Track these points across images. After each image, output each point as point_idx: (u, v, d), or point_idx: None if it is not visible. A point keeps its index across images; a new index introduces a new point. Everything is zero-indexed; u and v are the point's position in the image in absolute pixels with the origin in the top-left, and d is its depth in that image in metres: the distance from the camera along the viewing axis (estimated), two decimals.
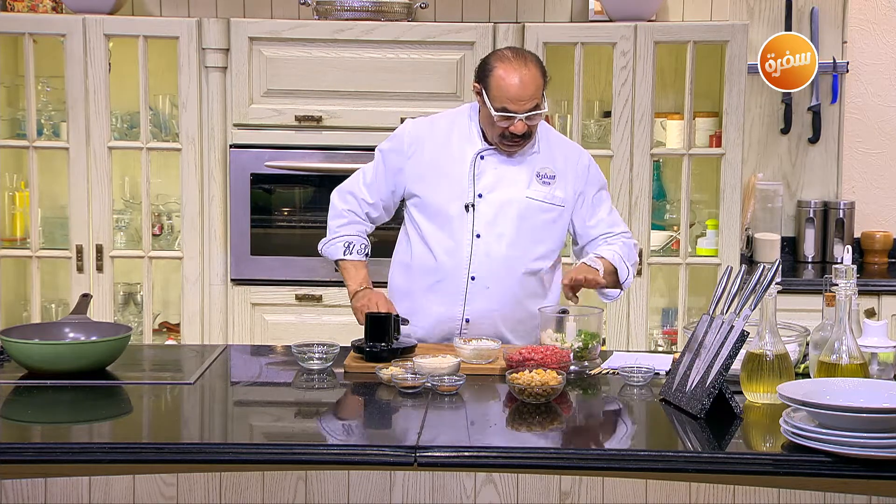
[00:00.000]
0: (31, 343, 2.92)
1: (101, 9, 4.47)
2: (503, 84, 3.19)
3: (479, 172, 3.30)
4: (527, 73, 3.20)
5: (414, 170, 3.35)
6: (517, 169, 3.32)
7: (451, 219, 3.30)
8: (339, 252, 3.41)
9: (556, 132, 3.50)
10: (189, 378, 2.93)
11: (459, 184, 3.30)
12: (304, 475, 3.02)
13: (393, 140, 3.41)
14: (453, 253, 3.30)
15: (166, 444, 2.47)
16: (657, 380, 2.88)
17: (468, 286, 3.30)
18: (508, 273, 3.30)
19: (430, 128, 3.39)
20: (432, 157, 3.34)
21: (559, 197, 3.33)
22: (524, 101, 3.19)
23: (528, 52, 3.30)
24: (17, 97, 4.65)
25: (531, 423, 2.62)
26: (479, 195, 3.29)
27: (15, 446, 2.44)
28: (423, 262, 3.35)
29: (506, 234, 3.29)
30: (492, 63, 3.24)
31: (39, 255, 4.54)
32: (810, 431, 2.32)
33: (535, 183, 3.31)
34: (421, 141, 3.36)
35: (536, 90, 3.21)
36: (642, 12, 4.51)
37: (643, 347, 4.51)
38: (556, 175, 3.33)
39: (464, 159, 3.31)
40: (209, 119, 4.46)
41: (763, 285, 2.61)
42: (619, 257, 3.32)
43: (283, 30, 4.44)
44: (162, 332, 4.69)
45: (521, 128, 3.22)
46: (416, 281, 3.36)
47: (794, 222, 4.96)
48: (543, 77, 3.25)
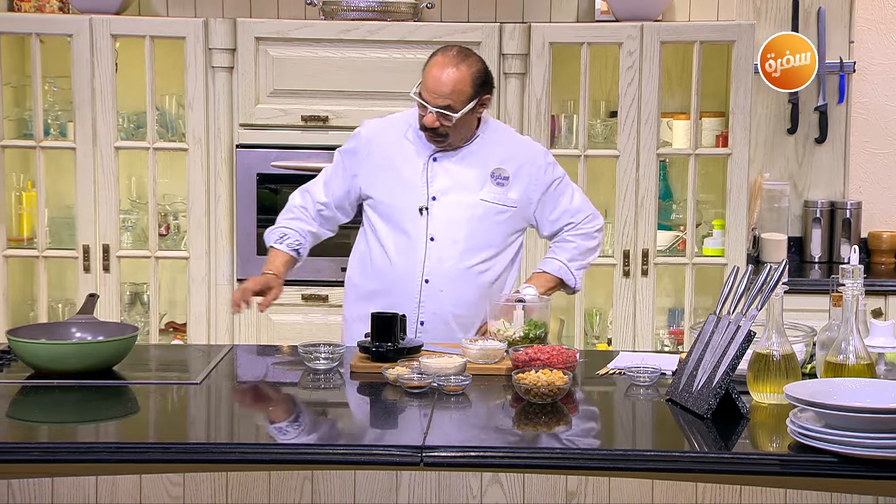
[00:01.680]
0: (38, 343, 2.92)
1: (108, 9, 4.47)
2: (428, 71, 3.21)
3: (433, 175, 3.29)
4: (453, 72, 3.18)
5: (369, 171, 3.34)
6: (471, 171, 3.30)
7: (406, 221, 3.29)
8: (271, 240, 3.40)
9: (513, 131, 3.49)
10: (195, 378, 2.93)
11: (413, 186, 3.29)
12: (310, 475, 3.02)
13: (350, 141, 3.40)
14: (407, 256, 3.29)
15: (173, 444, 2.47)
16: (663, 380, 2.88)
17: (422, 289, 3.30)
18: (462, 276, 3.30)
19: (386, 128, 3.38)
20: (387, 158, 3.33)
21: (512, 199, 3.32)
22: (436, 95, 3.17)
23: (475, 60, 3.24)
24: (24, 97, 4.66)
25: (537, 423, 2.62)
26: (432, 198, 3.28)
27: (22, 446, 2.44)
28: (378, 263, 3.35)
29: (459, 237, 3.29)
30: (436, 51, 3.25)
31: (46, 255, 4.55)
32: (817, 432, 2.31)
33: (490, 184, 3.31)
34: (376, 142, 3.35)
35: (454, 92, 3.17)
36: (649, 12, 4.50)
37: (649, 347, 4.51)
38: (510, 176, 3.32)
39: (417, 161, 3.30)
40: (216, 119, 4.47)
41: (770, 285, 2.61)
42: (565, 269, 3.38)
43: (289, 30, 4.44)
44: (168, 332, 4.70)
45: (429, 120, 3.21)
46: (372, 282, 3.37)
47: (801, 222, 4.95)
48: (473, 87, 3.19)
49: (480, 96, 3.23)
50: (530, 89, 4.47)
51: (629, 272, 4.53)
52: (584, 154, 4.53)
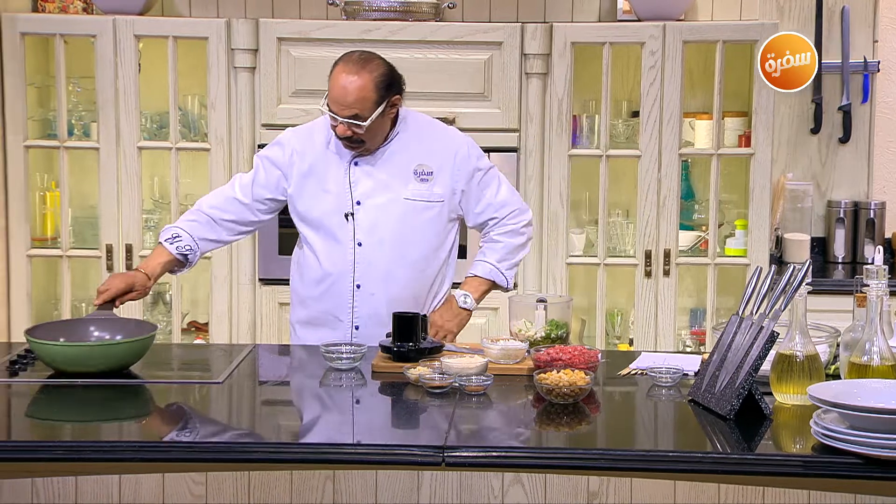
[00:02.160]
0: (56, 344, 2.92)
1: (131, 10, 4.49)
2: (332, 83, 3.16)
3: (355, 180, 3.27)
4: (354, 80, 3.12)
5: (294, 181, 3.31)
6: (393, 171, 3.28)
7: (333, 228, 3.28)
8: (163, 237, 3.29)
9: (436, 122, 3.42)
10: (217, 377, 2.94)
11: (337, 193, 3.27)
12: (331, 475, 3.03)
13: (272, 148, 3.36)
14: (338, 262, 3.28)
15: (195, 443, 2.48)
16: (686, 380, 2.87)
17: (354, 294, 3.30)
18: (393, 278, 3.29)
19: (308, 137, 3.34)
20: (311, 167, 3.30)
21: (437, 193, 3.30)
22: (342, 106, 3.14)
23: (377, 63, 3.18)
24: (49, 98, 4.69)
25: (559, 424, 2.61)
26: (357, 203, 3.27)
27: (46, 444, 2.46)
28: (312, 270, 3.35)
29: (386, 240, 3.27)
30: (338, 60, 3.20)
31: (70, 255, 4.57)
32: (841, 433, 2.30)
33: (414, 182, 3.29)
34: (298, 152, 3.32)
35: (358, 101, 3.13)
36: (671, 12, 4.49)
37: (671, 348, 4.50)
38: (433, 171, 3.30)
39: (339, 168, 3.28)
40: (238, 119, 4.48)
41: (793, 286, 2.59)
42: (496, 270, 3.39)
43: (311, 30, 4.45)
44: (190, 332, 4.71)
45: (342, 130, 3.17)
46: (308, 288, 3.37)
47: (824, 222, 4.92)
48: (378, 91, 3.15)
49: (388, 99, 3.17)
50: (552, 89, 4.46)
51: (651, 272, 4.52)
52: (606, 154, 4.51)
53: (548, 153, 4.50)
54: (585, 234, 4.65)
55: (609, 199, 4.54)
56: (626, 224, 4.62)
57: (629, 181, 4.59)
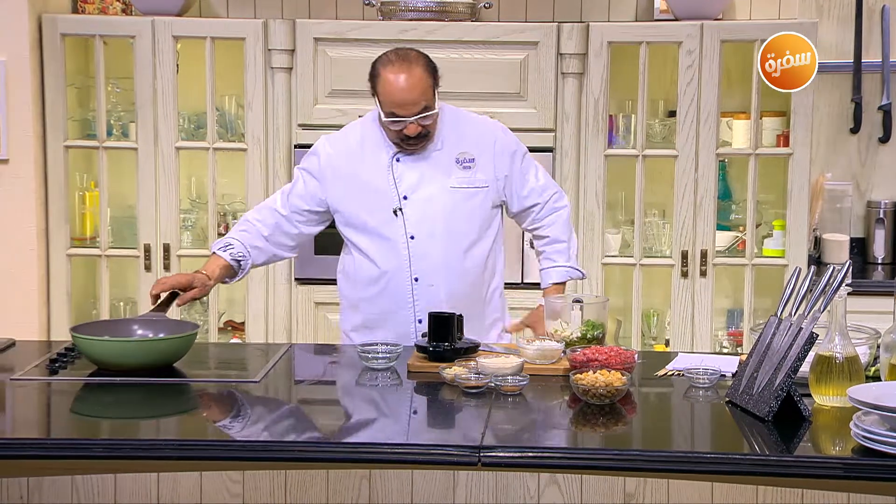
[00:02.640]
0: (100, 340, 2.97)
1: (170, 10, 4.53)
2: (389, 89, 3.15)
3: (399, 175, 3.28)
4: (411, 77, 3.14)
5: (334, 189, 3.32)
6: (436, 161, 3.29)
7: (383, 227, 3.28)
8: (215, 247, 3.31)
9: (465, 112, 3.43)
10: (254, 376, 2.96)
11: (382, 191, 3.28)
12: (367, 474, 3.03)
13: (308, 160, 3.37)
14: (392, 259, 3.28)
15: (233, 442, 2.49)
16: (723, 381, 2.85)
17: (413, 288, 3.29)
18: (449, 267, 3.29)
19: (342, 143, 3.35)
20: (350, 171, 3.31)
21: (481, 178, 3.32)
22: (410, 105, 3.15)
23: (414, 53, 3.22)
24: (88, 98, 4.73)
25: (595, 424, 2.61)
26: (404, 197, 3.27)
27: (85, 442, 2.48)
28: (365, 271, 3.34)
29: (438, 230, 3.28)
30: (378, 67, 3.20)
31: (108, 254, 4.61)
32: (882, 435, 2.28)
33: (457, 170, 3.30)
34: (335, 159, 3.33)
35: (423, 93, 3.16)
36: (708, 11, 4.46)
37: (707, 349, 4.47)
38: (474, 157, 3.31)
39: (380, 166, 3.29)
40: (274, 119, 4.50)
41: (833, 286, 2.57)
42: (570, 269, 3.42)
43: (347, 30, 4.46)
44: (227, 331, 4.74)
45: (413, 130, 3.19)
46: (363, 290, 3.35)
47: (864, 223, 4.88)
48: (432, 76, 3.19)
49: (437, 80, 3.22)
50: (588, 89, 4.45)
51: (687, 273, 4.49)
52: (643, 154, 4.50)
53: (584, 153, 4.48)
54: (621, 234, 4.63)
55: (645, 200, 4.52)
56: (662, 224, 4.60)
57: (666, 181, 4.57)
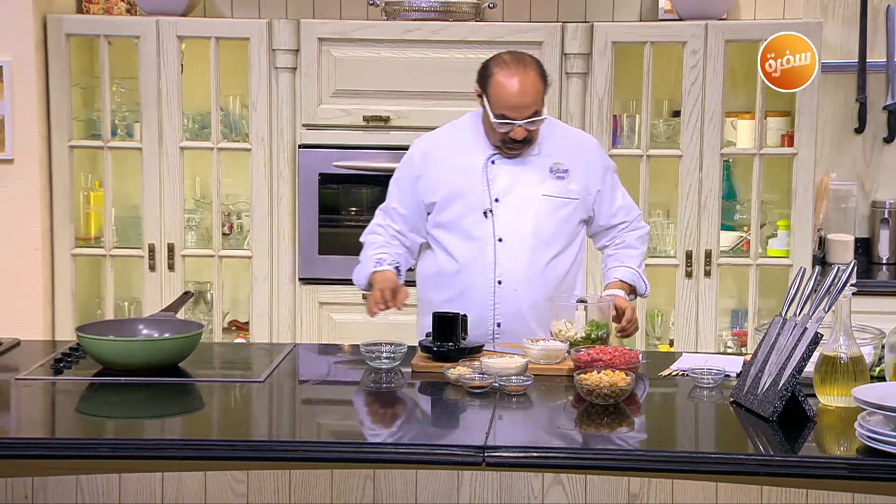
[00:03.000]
0: (105, 339, 2.97)
1: (175, 10, 4.53)
2: (502, 91, 3.17)
3: (493, 177, 3.29)
4: (526, 81, 3.17)
5: (428, 186, 3.33)
6: (531, 168, 3.30)
7: (472, 227, 3.29)
8: (368, 268, 3.31)
9: (562, 123, 3.49)
10: (259, 376, 2.96)
11: (474, 192, 3.29)
12: (372, 474, 3.03)
13: (403, 166, 3.40)
14: (477, 260, 3.28)
15: (237, 442, 2.50)
16: (727, 382, 2.85)
17: (496, 291, 3.29)
18: (534, 273, 3.29)
19: (436, 142, 3.38)
20: (443, 169, 3.33)
21: (574, 190, 3.32)
22: (522, 108, 3.17)
23: (528, 57, 3.24)
24: (93, 98, 4.73)
25: (599, 424, 2.61)
26: (495, 199, 3.28)
27: (90, 442, 2.48)
28: (448, 272, 3.34)
29: (527, 235, 3.28)
30: (491, 68, 3.22)
31: (113, 254, 4.61)
32: (886, 435, 2.27)
33: (550, 179, 3.30)
34: (430, 156, 3.35)
35: (536, 97, 3.18)
36: (713, 11, 4.46)
37: (712, 349, 4.47)
38: (568, 169, 3.32)
39: (475, 166, 3.29)
40: (278, 119, 4.50)
41: (837, 287, 2.57)
42: (636, 275, 3.40)
43: (351, 30, 4.47)
44: (231, 331, 4.74)
45: (520, 133, 3.20)
46: (444, 291, 3.35)
47: (868, 223, 4.87)
48: (543, 82, 3.22)
49: (546, 86, 3.25)
50: (592, 89, 4.45)
51: (691, 273, 4.49)
52: (647, 154, 4.49)
53: None
54: None
55: (649, 199, 4.52)
56: (666, 224, 4.60)
57: (670, 181, 4.56)
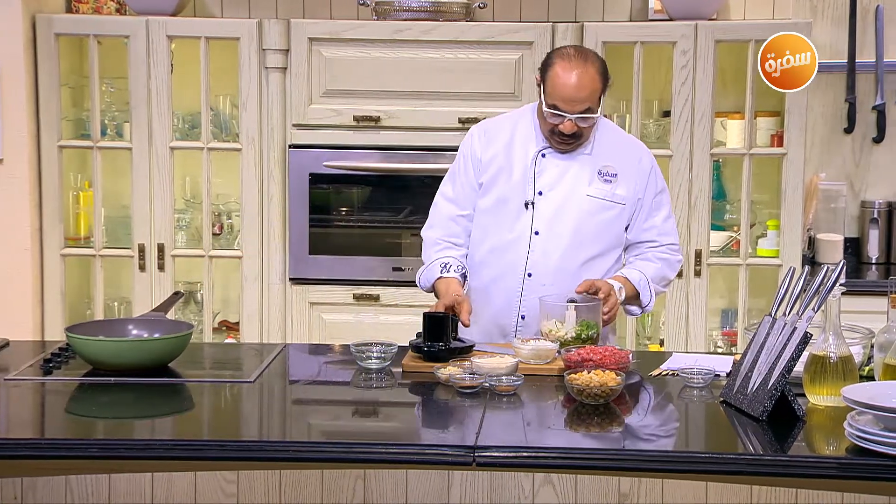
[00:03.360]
0: (95, 339, 2.96)
1: (164, 10, 4.52)
2: (558, 82, 3.18)
3: (540, 170, 3.29)
4: (584, 76, 3.17)
5: (480, 166, 3.35)
6: (579, 166, 3.30)
7: (511, 215, 3.29)
8: (435, 272, 3.32)
9: (620, 129, 3.47)
10: (249, 376, 2.95)
11: (520, 181, 3.29)
12: (362, 474, 3.03)
13: (463, 147, 3.40)
14: (511, 250, 3.29)
15: (227, 442, 2.49)
16: (717, 381, 2.86)
17: (524, 283, 3.29)
18: (565, 272, 3.28)
19: (495, 126, 3.39)
20: (496, 153, 3.33)
21: (620, 195, 3.31)
22: (575, 102, 3.17)
23: (592, 54, 3.26)
24: (82, 98, 4.72)
25: (590, 424, 2.61)
26: (539, 193, 3.28)
27: (80, 442, 2.48)
28: (482, 257, 3.35)
29: (564, 233, 3.28)
30: (553, 58, 3.23)
31: (103, 254, 4.60)
32: (875, 435, 2.28)
33: (597, 181, 3.30)
34: (486, 135, 3.36)
35: (591, 94, 3.18)
36: (703, 11, 4.47)
37: (702, 349, 4.47)
38: (617, 173, 3.31)
39: (525, 157, 3.31)
40: (269, 119, 4.50)
41: (827, 286, 2.58)
42: (645, 282, 3.31)
43: (342, 30, 4.46)
44: (221, 331, 4.74)
45: (569, 127, 3.20)
46: (475, 276, 3.36)
47: (858, 223, 4.88)
48: (603, 81, 3.21)
49: (605, 87, 3.24)
50: None
51: (682, 273, 4.49)
52: None
53: None
54: None
55: None
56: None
57: None
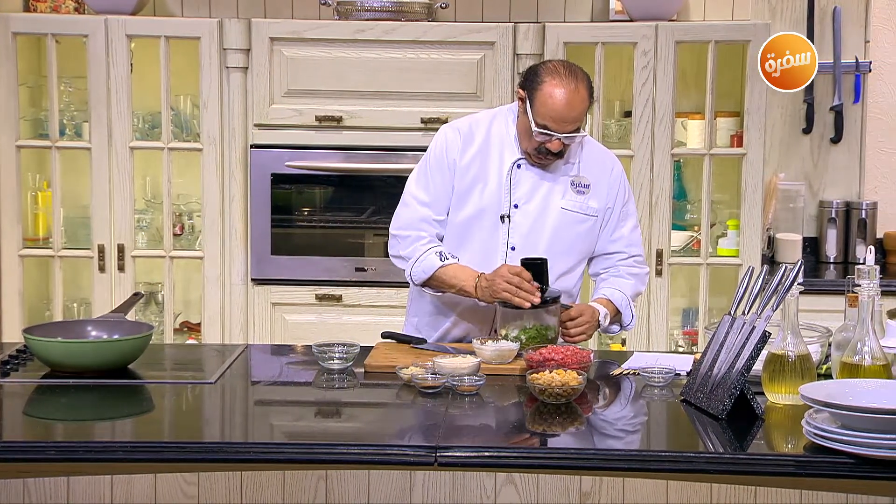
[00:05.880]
0: (53, 341, 2.93)
1: (124, 9, 4.49)
2: (550, 102, 3.08)
3: (516, 182, 3.21)
4: (576, 96, 3.08)
5: (460, 169, 3.23)
6: (552, 177, 3.23)
7: (486, 230, 3.22)
8: (434, 262, 3.19)
9: (591, 139, 3.38)
10: (210, 377, 2.94)
11: (496, 192, 3.21)
12: (324, 475, 3.03)
13: (436, 149, 3.26)
14: (485, 266, 3.18)
15: (188, 443, 2.47)
16: (678, 380, 2.87)
17: None
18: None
19: (468, 129, 3.25)
20: (472, 158, 3.23)
21: (593, 207, 3.26)
22: (566, 122, 3.09)
23: (581, 71, 3.15)
24: (40, 97, 4.68)
25: (551, 424, 2.62)
26: (514, 206, 3.21)
27: (37, 445, 2.45)
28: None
29: (540, 246, 3.21)
30: (542, 76, 3.11)
31: (62, 255, 4.56)
32: (833, 433, 2.30)
33: (570, 192, 3.24)
34: (464, 139, 3.23)
35: (581, 113, 3.11)
36: (663, 12, 4.50)
37: (663, 348, 4.50)
38: (590, 185, 3.25)
39: (502, 166, 3.22)
40: (230, 119, 4.48)
41: (785, 286, 2.60)
42: (627, 302, 3.28)
43: (303, 30, 4.45)
44: (183, 332, 4.71)
45: (557, 146, 3.13)
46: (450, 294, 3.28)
47: (816, 222, 4.93)
48: (590, 98, 3.14)
49: (591, 103, 3.18)
50: None
51: None
52: None
53: None
54: None
55: None
56: None
57: None
